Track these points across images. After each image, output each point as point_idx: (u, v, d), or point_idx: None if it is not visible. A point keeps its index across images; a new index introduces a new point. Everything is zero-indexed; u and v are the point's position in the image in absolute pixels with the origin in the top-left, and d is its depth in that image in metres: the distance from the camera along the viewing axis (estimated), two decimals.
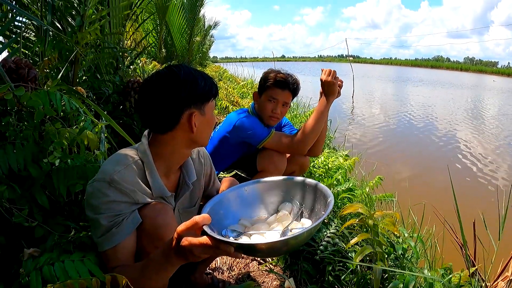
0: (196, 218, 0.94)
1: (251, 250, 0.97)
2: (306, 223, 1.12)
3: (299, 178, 1.26)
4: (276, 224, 1.14)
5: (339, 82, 2.15)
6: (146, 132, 1.34)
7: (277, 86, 2.29)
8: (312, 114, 2.21)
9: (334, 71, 2.13)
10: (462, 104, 15.59)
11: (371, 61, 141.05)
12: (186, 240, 0.94)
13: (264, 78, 2.35)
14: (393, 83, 27.93)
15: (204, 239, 0.92)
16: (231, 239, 0.96)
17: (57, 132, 1.47)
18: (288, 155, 2.44)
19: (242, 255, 0.97)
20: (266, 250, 0.94)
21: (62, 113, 1.64)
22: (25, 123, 1.51)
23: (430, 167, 6.10)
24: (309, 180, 1.22)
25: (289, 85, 2.31)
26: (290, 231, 1.07)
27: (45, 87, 1.68)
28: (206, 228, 0.93)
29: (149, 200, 1.25)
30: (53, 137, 1.46)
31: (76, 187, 1.45)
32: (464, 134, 8.82)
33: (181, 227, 0.95)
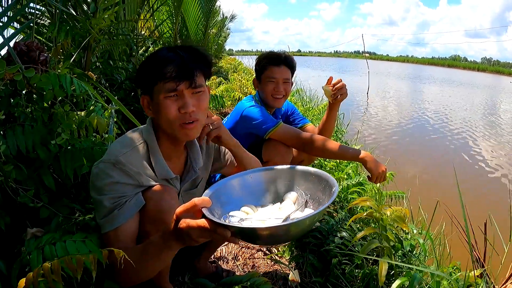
0: (195, 200, 0.92)
1: (250, 235, 0.94)
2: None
3: (305, 167, 1.23)
4: (279, 213, 1.12)
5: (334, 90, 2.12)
6: None
7: (272, 64, 2.29)
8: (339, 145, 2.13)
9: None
10: (476, 104, 15.34)
11: (387, 58, 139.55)
12: (184, 222, 0.92)
13: (258, 62, 2.34)
14: (409, 81, 27.61)
15: (202, 222, 0.90)
16: (230, 223, 0.94)
17: (65, 114, 1.47)
18: None
19: (240, 241, 0.95)
20: (266, 236, 0.92)
21: (74, 99, 1.65)
22: (35, 105, 1.51)
23: (442, 167, 6.01)
24: (314, 169, 1.19)
25: (283, 60, 2.31)
26: (292, 219, 1.05)
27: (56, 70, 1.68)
28: (205, 211, 0.91)
29: (154, 183, 1.25)
30: (62, 119, 1.46)
31: (83, 168, 1.45)
32: (477, 135, 8.65)
33: (180, 208, 0.93)
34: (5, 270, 1.14)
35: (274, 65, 2.29)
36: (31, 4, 2.28)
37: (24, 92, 1.48)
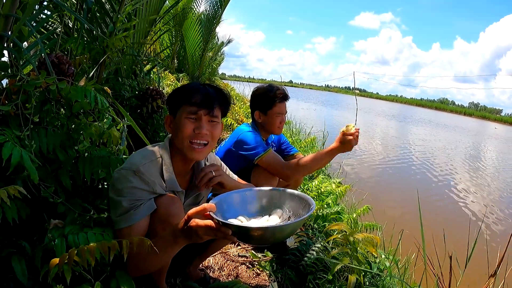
0: (205, 204, 1.16)
1: (246, 234, 1.16)
2: None
3: (290, 190, 1.47)
4: (267, 224, 1.34)
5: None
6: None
7: (281, 101, 2.56)
8: (316, 153, 2.30)
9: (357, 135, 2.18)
10: (459, 147, 15.97)
11: (377, 96, 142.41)
12: (194, 222, 1.15)
13: (267, 98, 2.56)
14: (396, 121, 28.39)
15: (209, 222, 1.13)
16: (231, 223, 1.17)
17: (88, 124, 1.68)
18: None
19: (236, 240, 1.16)
20: (258, 236, 1.14)
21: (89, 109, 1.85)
22: (61, 112, 1.72)
23: (421, 204, 6.26)
24: (298, 192, 1.44)
25: (288, 97, 2.61)
26: (277, 224, 1.29)
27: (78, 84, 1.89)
28: (211, 214, 1.14)
29: (164, 192, 1.47)
30: (85, 128, 1.67)
31: (100, 174, 1.65)
32: (458, 176, 9.04)
33: (192, 210, 1.16)
34: (30, 251, 1.33)
35: (282, 101, 2.56)
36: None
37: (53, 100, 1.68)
